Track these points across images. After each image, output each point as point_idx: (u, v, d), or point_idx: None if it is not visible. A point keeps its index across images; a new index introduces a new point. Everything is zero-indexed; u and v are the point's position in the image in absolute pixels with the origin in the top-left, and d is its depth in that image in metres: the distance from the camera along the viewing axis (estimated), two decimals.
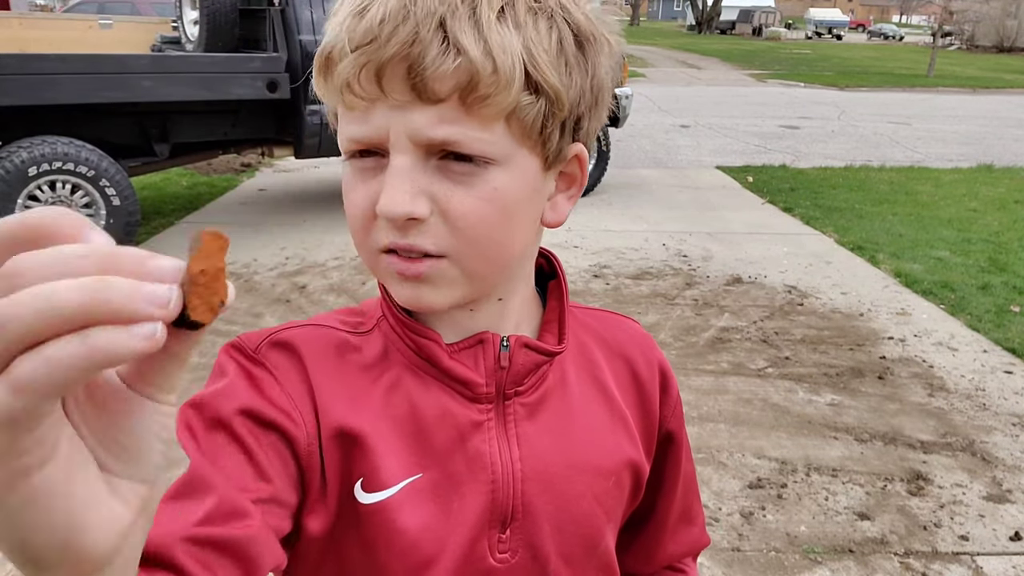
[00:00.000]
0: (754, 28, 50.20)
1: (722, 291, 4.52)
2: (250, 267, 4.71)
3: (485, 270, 0.58)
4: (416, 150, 0.52)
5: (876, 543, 2.39)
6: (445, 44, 0.49)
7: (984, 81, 21.06)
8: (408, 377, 0.61)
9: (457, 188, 0.53)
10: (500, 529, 0.61)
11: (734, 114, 12.97)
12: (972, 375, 3.55)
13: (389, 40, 0.49)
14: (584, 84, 0.56)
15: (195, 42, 5.55)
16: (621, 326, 0.75)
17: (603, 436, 0.67)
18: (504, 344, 0.61)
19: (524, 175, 0.56)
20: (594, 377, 0.69)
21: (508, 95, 0.51)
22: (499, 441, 0.62)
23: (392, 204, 0.52)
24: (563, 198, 0.62)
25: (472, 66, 0.49)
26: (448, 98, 0.50)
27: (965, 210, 6.69)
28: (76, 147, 4.35)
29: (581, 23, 0.55)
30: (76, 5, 13.35)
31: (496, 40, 0.50)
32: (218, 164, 7.52)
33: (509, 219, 0.56)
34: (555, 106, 0.54)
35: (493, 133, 0.52)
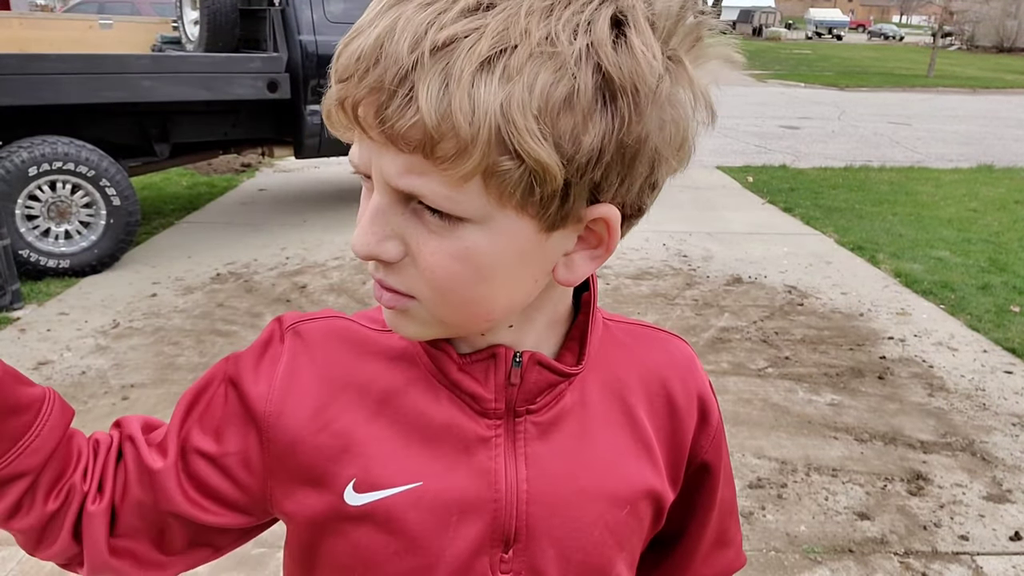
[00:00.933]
0: (754, 28, 50.21)
1: (722, 291, 4.52)
2: (250, 267, 4.71)
3: (460, 320, 0.55)
4: (393, 192, 0.49)
5: (876, 543, 2.39)
6: (408, 98, 0.44)
7: (984, 81, 21.06)
8: (422, 383, 0.60)
9: (431, 238, 0.50)
10: (503, 549, 0.60)
11: (734, 114, 12.97)
12: (972, 375, 3.56)
13: (361, 81, 0.46)
14: (606, 143, 0.47)
15: (195, 42, 5.55)
16: (662, 346, 0.69)
17: (622, 462, 0.63)
18: (516, 360, 0.58)
19: (509, 237, 0.50)
20: (620, 399, 0.64)
21: (467, 161, 0.45)
22: (506, 459, 0.59)
23: (358, 244, 0.51)
24: (583, 257, 0.55)
25: (426, 128, 0.44)
26: (416, 150, 0.46)
27: (965, 210, 6.69)
28: (76, 147, 4.35)
29: (621, 67, 0.46)
30: (76, 5, 13.35)
31: (461, 100, 0.43)
32: (218, 164, 7.52)
33: (484, 279, 0.51)
34: (545, 175, 0.46)
35: (464, 192, 0.47)
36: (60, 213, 4.40)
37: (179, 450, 0.61)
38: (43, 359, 3.44)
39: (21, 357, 3.45)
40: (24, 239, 4.28)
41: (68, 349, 3.54)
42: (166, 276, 4.52)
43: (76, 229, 4.47)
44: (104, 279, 4.46)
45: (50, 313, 3.97)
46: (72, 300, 4.15)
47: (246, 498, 0.62)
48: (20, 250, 4.22)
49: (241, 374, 0.61)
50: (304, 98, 5.12)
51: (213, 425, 0.61)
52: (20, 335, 3.69)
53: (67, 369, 3.35)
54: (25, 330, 3.74)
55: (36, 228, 4.35)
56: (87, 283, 4.39)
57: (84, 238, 4.48)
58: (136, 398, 3.11)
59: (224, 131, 5.44)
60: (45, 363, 3.40)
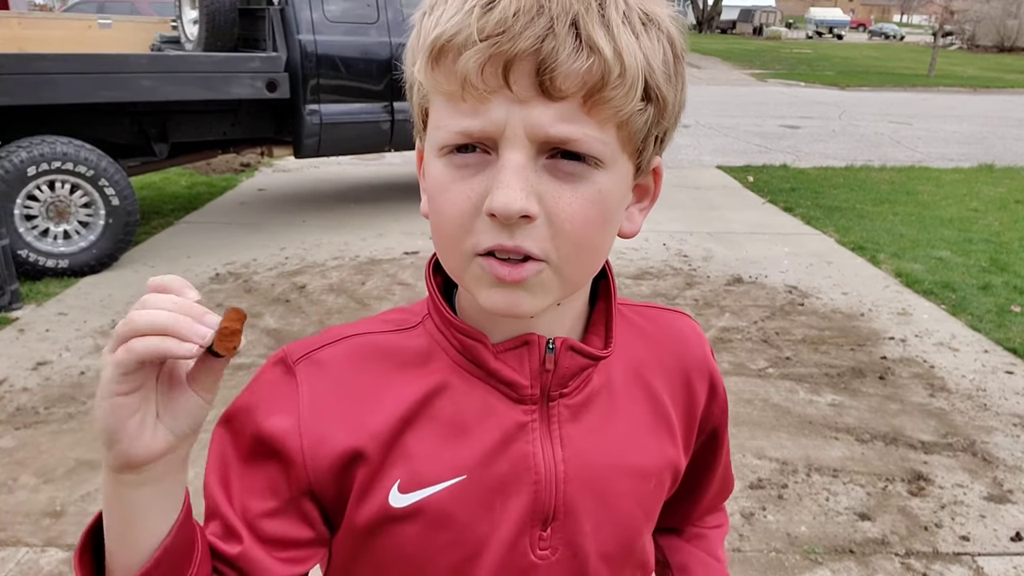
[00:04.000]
0: (755, 27, 50.19)
1: (723, 291, 4.51)
2: (249, 267, 4.70)
3: (579, 276, 0.58)
4: (530, 147, 0.52)
5: (877, 543, 2.38)
6: (578, 42, 0.49)
7: (985, 81, 21.04)
8: (453, 377, 0.62)
9: (564, 188, 0.53)
10: (542, 527, 0.62)
11: (735, 114, 12.97)
12: (973, 375, 3.55)
13: (522, 33, 0.49)
14: (677, 99, 0.56)
15: (195, 42, 5.54)
16: (672, 324, 0.75)
17: (646, 438, 0.67)
18: (550, 346, 0.61)
19: (622, 181, 0.57)
20: (640, 379, 0.69)
21: (630, 99, 0.52)
22: (543, 442, 0.62)
23: (509, 201, 0.51)
24: (637, 209, 0.63)
25: (604, 66, 0.49)
26: (572, 96, 0.50)
27: (966, 210, 6.68)
28: (75, 147, 4.35)
29: (676, 39, 0.56)
30: (75, 5, 13.33)
31: (624, 42, 0.50)
32: (217, 164, 7.51)
33: (608, 222, 0.57)
34: (662, 116, 0.55)
35: (607, 135, 0.53)
36: (59, 213, 4.39)
37: (246, 526, 0.61)
38: (42, 359, 3.43)
39: (20, 357, 3.44)
40: (23, 239, 4.27)
41: (67, 349, 3.54)
42: None
43: (75, 229, 4.47)
44: (103, 279, 4.45)
45: (49, 313, 3.96)
46: (71, 300, 4.14)
47: (322, 528, 0.63)
48: (19, 250, 4.22)
49: (257, 424, 0.62)
50: (303, 97, 5.11)
51: (257, 485, 0.62)
52: (19, 335, 3.68)
53: (66, 369, 3.34)
54: (24, 330, 3.73)
55: (35, 228, 4.35)
56: (86, 283, 4.39)
57: (83, 238, 4.48)
58: None
59: (223, 131, 5.43)
60: (44, 363, 3.39)
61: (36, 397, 3.10)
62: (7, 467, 2.63)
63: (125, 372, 0.48)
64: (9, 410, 3.00)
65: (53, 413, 2.98)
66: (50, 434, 2.84)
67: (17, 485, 2.54)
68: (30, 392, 3.14)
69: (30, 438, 2.81)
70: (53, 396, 3.11)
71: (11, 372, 3.30)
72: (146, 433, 0.50)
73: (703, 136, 10.59)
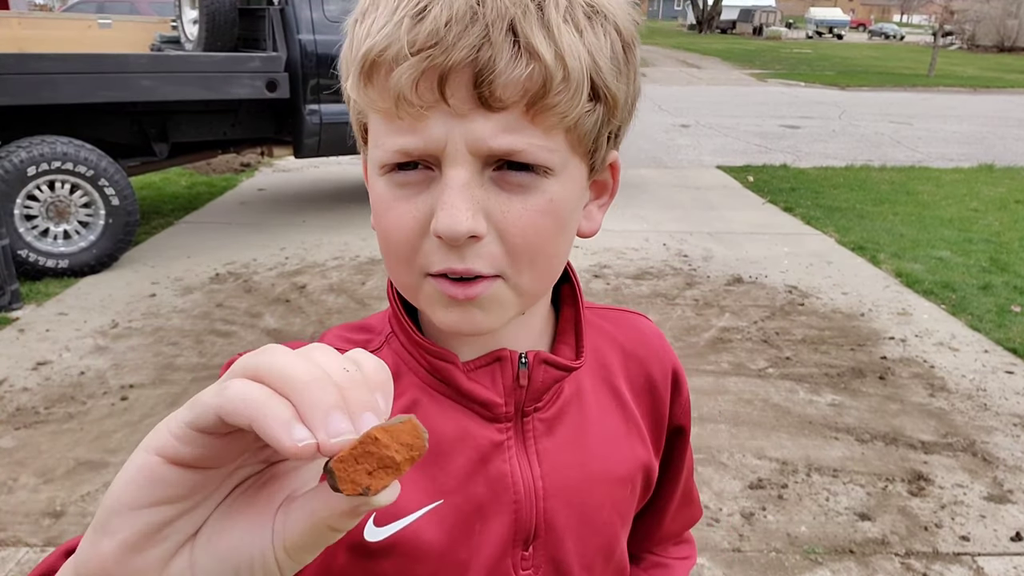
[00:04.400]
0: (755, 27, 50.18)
1: (723, 291, 4.51)
2: (249, 267, 4.70)
3: (538, 287, 0.56)
4: (474, 162, 0.49)
5: (877, 544, 2.38)
6: (516, 48, 0.46)
7: (985, 81, 21.04)
8: (423, 398, 0.59)
9: (513, 201, 0.50)
10: (523, 547, 0.61)
11: (735, 114, 12.96)
12: (973, 375, 3.55)
13: (456, 44, 0.46)
14: (629, 91, 0.54)
15: (194, 42, 5.54)
16: (634, 326, 0.73)
17: (619, 444, 0.66)
18: (523, 361, 0.59)
19: (574, 184, 0.54)
20: (608, 383, 0.67)
21: (576, 103, 0.49)
22: (519, 460, 0.60)
23: (455, 223, 0.48)
24: (596, 207, 0.60)
25: (545, 72, 0.47)
26: (513, 106, 0.47)
27: (966, 210, 6.68)
28: (75, 147, 4.35)
29: (624, 28, 0.53)
30: (75, 5, 13.34)
31: (567, 43, 0.47)
32: (217, 164, 7.51)
33: (563, 229, 0.54)
34: (612, 114, 0.53)
35: (554, 141, 0.50)
36: (59, 213, 4.39)
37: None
38: (42, 359, 3.43)
39: (20, 357, 3.44)
40: (23, 239, 4.27)
41: (67, 349, 3.54)
42: (165, 276, 4.52)
43: (75, 229, 4.46)
44: (103, 279, 4.45)
45: (49, 313, 3.96)
46: (71, 300, 4.14)
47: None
48: (19, 250, 4.22)
49: None
50: (303, 97, 5.11)
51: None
52: (19, 335, 3.68)
53: (66, 369, 3.34)
54: (24, 330, 3.73)
55: (35, 228, 4.35)
56: (86, 283, 4.38)
57: (83, 238, 4.48)
58: (135, 398, 3.11)
59: (223, 131, 5.43)
60: (44, 363, 3.39)
61: (36, 397, 3.10)
62: (7, 467, 2.63)
63: (195, 427, 0.31)
64: (9, 410, 3.00)
65: (53, 413, 2.98)
66: (50, 434, 2.83)
67: (17, 485, 2.54)
68: (30, 392, 3.14)
69: (30, 438, 2.81)
70: (53, 396, 3.11)
71: (11, 372, 3.30)
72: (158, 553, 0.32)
73: (703, 136, 10.59)
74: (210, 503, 0.33)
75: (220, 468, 0.33)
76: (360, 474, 0.30)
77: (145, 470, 0.31)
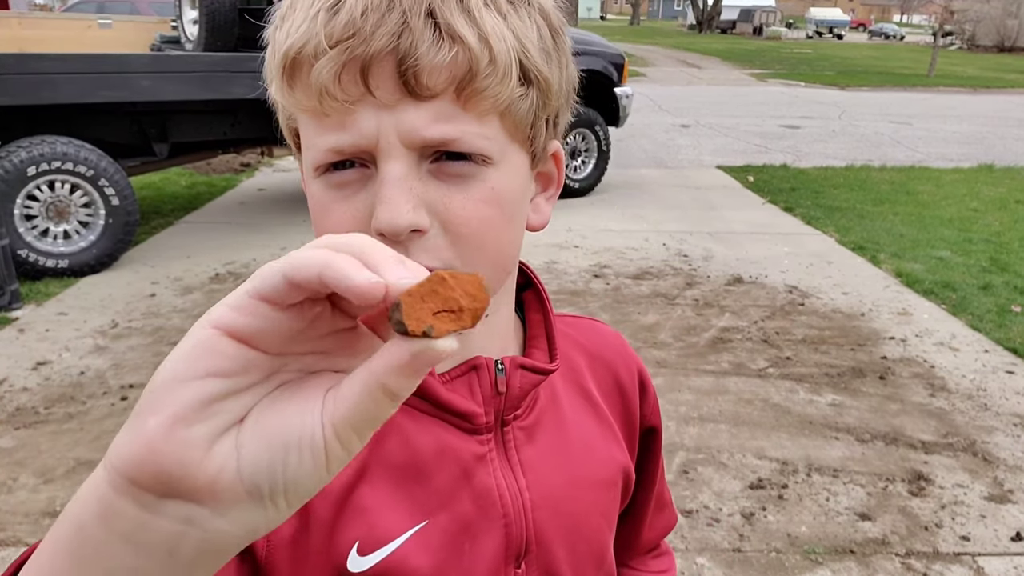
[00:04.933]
0: (755, 27, 50.18)
1: (723, 291, 4.51)
2: (249, 267, 4.70)
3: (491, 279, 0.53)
4: (409, 154, 0.48)
5: (877, 544, 2.38)
6: (437, 33, 0.45)
7: (985, 81, 21.04)
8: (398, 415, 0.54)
9: (454, 192, 0.49)
10: (515, 564, 0.58)
11: (735, 114, 12.96)
12: (973, 375, 3.54)
13: (374, 33, 0.45)
14: (561, 77, 0.53)
15: (194, 42, 5.54)
16: (597, 331, 0.73)
17: (597, 448, 0.65)
18: (499, 367, 0.58)
19: (517, 173, 0.53)
20: (580, 387, 0.67)
21: (506, 86, 0.48)
22: (503, 472, 0.58)
23: (394, 217, 0.47)
24: (543, 199, 0.59)
25: (470, 55, 0.46)
26: (443, 93, 0.47)
27: (966, 210, 6.68)
28: (75, 147, 4.35)
29: (551, 13, 0.53)
30: (75, 5, 13.34)
31: (489, 26, 0.47)
32: (217, 164, 7.51)
33: (509, 220, 0.53)
34: (546, 98, 0.51)
35: (490, 128, 0.49)
36: (59, 213, 4.39)
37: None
38: (42, 359, 3.43)
39: (20, 357, 3.44)
40: (23, 239, 4.27)
41: (67, 349, 3.54)
42: (165, 276, 4.52)
43: (75, 229, 4.46)
44: (103, 279, 4.45)
45: (49, 313, 3.96)
46: (71, 300, 4.14)
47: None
48: (19, 250, 4.22)
49: None
50: None
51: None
52: (19, 335, 3.68)
53: (66, 369, 3.34)
54: (24, 330, 3.73)
55: (35, 228, 4.34)
56: (86, 283, 4.38)
57: (83, 238, 4.48)
58: (135, 398, 3.10)
59: (223, 131, 5.43)
60: (44, 363, 3.39)
61: (36, 397, 3.10)
62: (7, 467, 2.63)
63: (259, 294, 0.30)
64: (9, 410, 3.00)
65: (53, 413, 2.98)
66: (50, 434, 2.83)
67: (17, 485, 2.53)
68: (30, 392, 3.14)
69: (30, 438, 2.81)
70: (53, 396, 3.11)
71: (11, 372, 3.30)
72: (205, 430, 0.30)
73: (703, 136, 10.59)
74: (260, 389, 0.31)
75: (274, 354, 0.31)
76: (425, 312, 0.29)
77: (199, 343, 0.30)
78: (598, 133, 6.57)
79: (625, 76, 6.77)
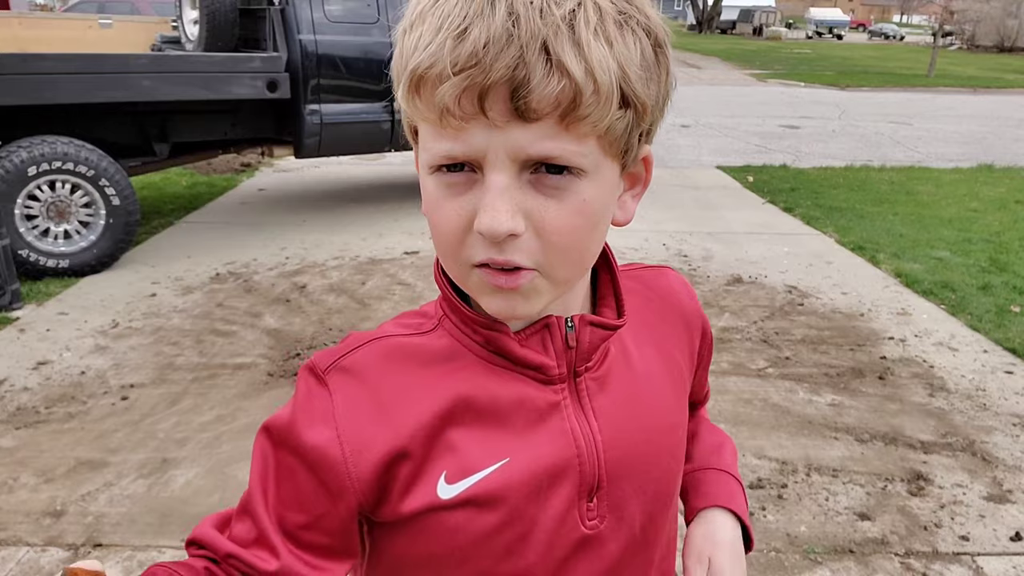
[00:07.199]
0: (754, 28, 50.17)
1: (722, 291, 4.52)
2: (250, 267, 4.71)
3: (572, 276, 0.61)
4: (512, 166, 0.54)
5: (876, 543, 2.38)
6: (548, 66, 0.50)
7: (984, 81, 21.04)
8: (481, 371, 0.64)
9: (550, 202, 0.55)
10: (588, 499, 0.65)
11: (734, 114, 12.97)
12: (972, 375, 3.55)
13: (494, 64, 0.50)
14: (661, 91, 0.58)
15: (195, 42, 5.55)
16: (662, 278, 0.79)
17: (666, 394, 0.72)
18: (569, 325, 0.64)
19: (607, 183, 0.58)
20: (649, 337, 0.73)
21: (606, 113, 0.53)
22: (577, 418, 0.65)
23: (495, 223, 0.54)
24: (629, 197, 0.65)
25: (576, 87, 0.51)
26: (548, 116, 0.52)
27: (966, 210, 6.69)
28: (76, 147, 4.35)
29: (657, 28, 0.56)
30: (76, 5, 13.34)
31: (596, 58, 0.51)
32: (218, 164, 7.52)
33: (595, 227, 0.59)
34: (641, 118, 0.56)
35: (587, 146, 0.54)
36: (59, 213, 4.40)
37: (283, 538, 0.62)
38: (42, 359, 3.43)
39: (20, 357, 3.45)
40: (23, 239, 4.28)
41: (67, 349, 3.54)
42: (165, 276, 4.52)
43: (75, 229, 4.47)
44: (103, 279, 4.45)
45: (49, 313, 3.97)
46: (71, 300, 4.15)
47: (356, 538, 0.65)
48: (19, 250, 4.22)
49: (298, 437, 0.62)
50: (304, 97, 5.12)
51: (296, 498, 0.62)
52: (19, 335, 3.68)
53: (66, 369, 3.34)
54: (24, 330, 3.74)
55: (35, 228, 4.35)
56: (86, 283, 4.39)
57: (83, 238, 4.48)
58: (136, 398, 3.11)
59: (224, 131, 5.44)
60: (44, 363, 3.39)
61: (36, 397, 3.10)
62: (7, 467, 2.63)
63: None
64: (9, 410, 3.00)
65: (53, 413, 2.98)
66: (50, 434, 2.84)
67: (17, 485, 2.54)
68: (30, 392, 3.14)
69: (30, 438, 2.81)
70: (53, 396, 3.11)
71: (11, 372, 3.31)
72: None
73: (703, 136, 10.59)
74: None
75: None
76: None
77: None
78: None
79: None
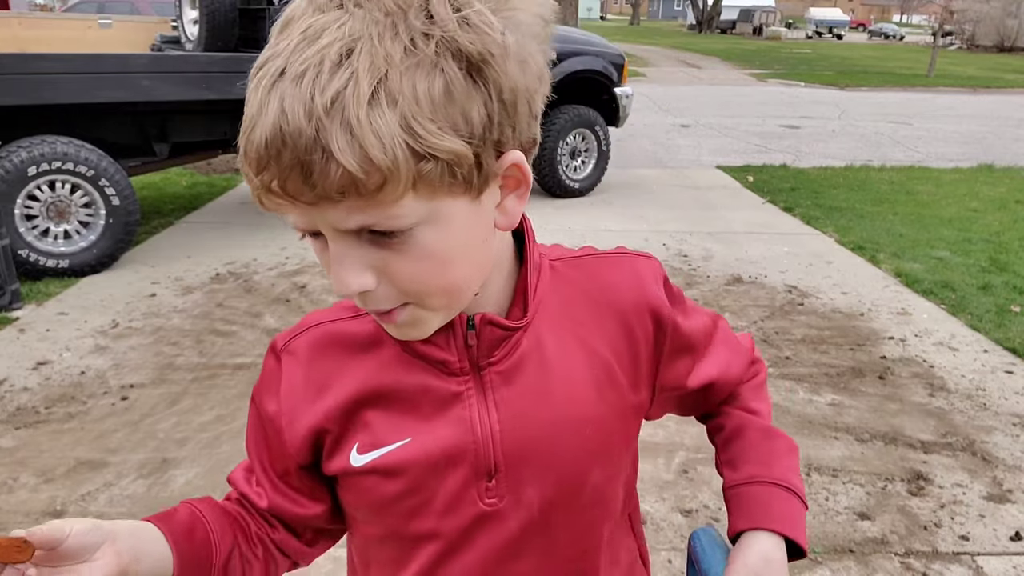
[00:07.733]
0: (754, 27, 50.18)
1: (722, 291, 4.52)
2: (250, 267, 4.71)
3: (451, 301, 0.63)
4: (346, 234, 0.56)
5: (876, 543, 2.38)
6: (324, 156, 0.50)
7: (984, 81, 21.05)
8: (395, 359, 0.70)
9: (392, 255, 0.57)
10: (487, 479, 0.70)
11: (734, 114, 12.97)
12: (972, 375, 3.55)
13: (278, 163, 0.51)
14: (490, 108, 0.54)
15: (195, 42, 5.54)
16: (608, 270, 0.77)
17: (583, 388, 0.72)
18: (471, 324, 0.67)
19: (453, 219, 0.57)
20: (573, 333, 0.73)
21: (397, 183, 0.51)
22: (479, 407, 0.69)
23: (341, 288, 0.58)
24: (511, 200, 0.62)
25: (352, 172, 0.50)
26: (347, 194, 0.52)
27: (966, 210, 6.69)
28: (76, 147, 4.35)
29: (471, 47, 0.52)
30: (76, 5, 13.34)
31: (370, 138, 0.49)
32: (218, 164, 7.52)
33: (450, 263, 0.59)
34: (456, 161, 0.53)
35: (403, 207, 0.54)
36: (59, 213, 4.40)
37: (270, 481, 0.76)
38: (42, 359, 3.43)
39: (20, 357, 3.45)
40: (23, 239, 4.27)
41: (67, 349, 3.54)
42: (165, 276, 4.52)
43: (75, 229, 4.47)
44: (103, 279, 4.45)
45: (49, 313, 3.96)
46: (71, 300, 4.14)
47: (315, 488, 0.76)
48: (19, 250, 4.22)
49: (262, 405, 0.74)
50: None
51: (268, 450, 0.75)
52: (19, 335, 3.68)
53: (66, 369, 3.34)
54: (24, 330, 3.74)
55: (35, 228, 4.35)
56: (86, 283, 4.39)
57: (83, 238, 4.48)
58: (135, 398, 3.11)
59: (224, 131, 5.43)
60: (44, 363, 3.39)
61: (36, 397, 3.10)
62: (7, 467, 2.63)
63: None
64: (9, 410, 3.00)
65: (53, 413, 2.98)
66: (50, 434, 2.84)
67: (17, 485, 2.54)
68: (30, 392, 3.14)
69: (30, 438, 2.81)
70: (53, 396, 3.11)
71: (11, 372, 3.31)
72: None
73: (703, 136, 10.59)
74: None
75: None
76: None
77: None
78: (598, 133, 6.57)
79: (625, 76, 6.77)
